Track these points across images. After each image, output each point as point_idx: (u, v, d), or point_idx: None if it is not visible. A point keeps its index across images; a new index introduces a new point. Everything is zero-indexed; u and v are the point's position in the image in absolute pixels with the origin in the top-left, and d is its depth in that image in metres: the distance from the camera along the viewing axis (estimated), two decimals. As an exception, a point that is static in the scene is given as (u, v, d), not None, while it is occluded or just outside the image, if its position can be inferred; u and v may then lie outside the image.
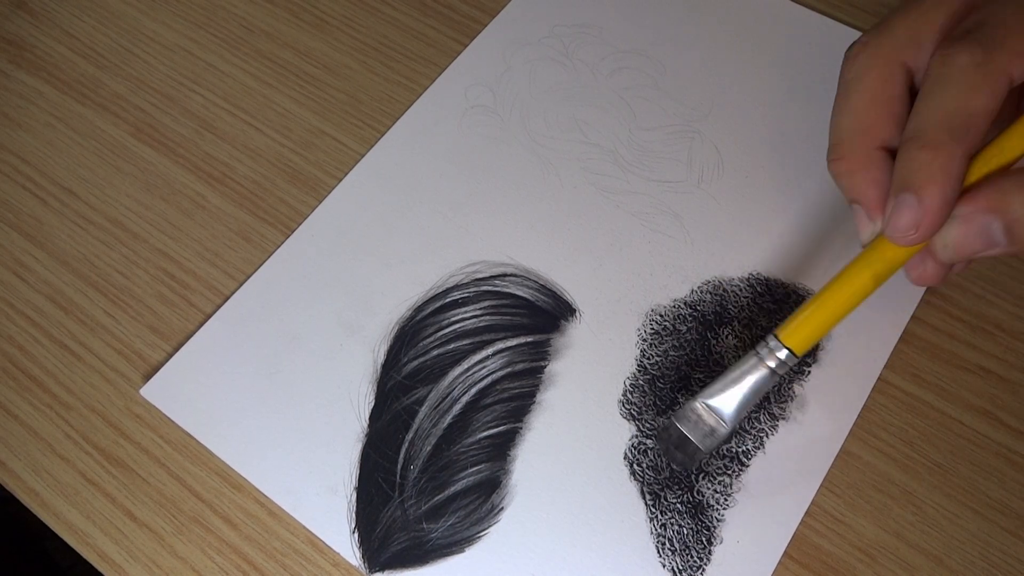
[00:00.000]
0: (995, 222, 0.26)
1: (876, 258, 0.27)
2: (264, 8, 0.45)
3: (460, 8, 0.44)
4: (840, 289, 0.28)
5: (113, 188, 0.40)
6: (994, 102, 0.25)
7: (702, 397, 0.29)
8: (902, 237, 0.26)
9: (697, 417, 0.29)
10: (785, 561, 0.30)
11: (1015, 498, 0.31)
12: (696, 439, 0.29)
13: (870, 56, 0.29)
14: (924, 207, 0.25)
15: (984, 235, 0.26)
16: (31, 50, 0.44)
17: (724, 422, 0.29)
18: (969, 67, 0.25)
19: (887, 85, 0.28)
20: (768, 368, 0.29)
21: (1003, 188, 0.26)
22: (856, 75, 0.29)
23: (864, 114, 0.28)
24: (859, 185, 0.28)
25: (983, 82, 0.25)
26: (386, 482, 0.32)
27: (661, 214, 0.37)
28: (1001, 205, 0.25)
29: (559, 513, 0.31)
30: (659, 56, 0.41)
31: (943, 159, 0.25)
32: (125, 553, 0.32)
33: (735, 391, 0.29)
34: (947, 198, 0.25)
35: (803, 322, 0.28)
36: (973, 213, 0.26)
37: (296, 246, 0.37)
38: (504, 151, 0.39)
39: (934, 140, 0.25)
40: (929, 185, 0.25)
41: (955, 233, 0.26)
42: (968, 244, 0.26)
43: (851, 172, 0.29)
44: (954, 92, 0.25)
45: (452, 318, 0.35)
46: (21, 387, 0.35)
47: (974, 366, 0.34)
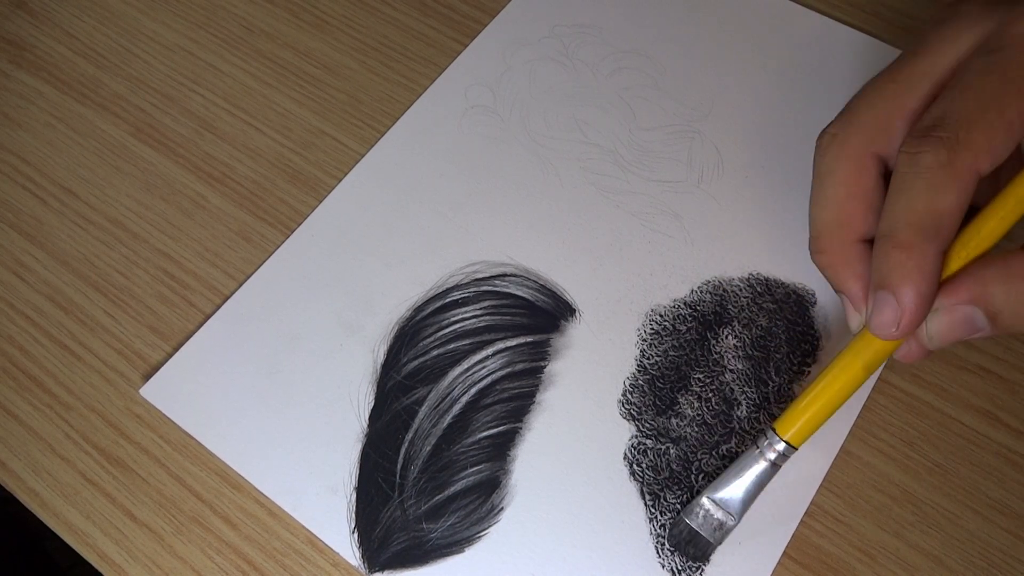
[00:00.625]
0: (978, 312, 0.26)
1: (864, 347, 0.28)
2: (264, 8, 0.45)
3: (460, 8, 0.44)
4: (833, 381, 0.29)
5: (113, 188, 0.40)
6: (963, 198, 0.25)
7: (708, 492, 0.30)
8: (884, 333, 0.26)
9: (705, 512, 0.30)
10: (785, 561, 0.30)
11: (1015, 498, 0.31)
12: (707, 534, 0.30)
13: (840, 148, 0.29)
14: (902, 306, 0.26)
15: (968, 324, 0.26)
16: (31, 50, 0.44)
17: (732, 515, 0.30)
18: (934, 167, 0.25)
19: (860, 178, 0.28)
20: (768, 461, 0.29)
21: (983, 279, 0.26)
22: (829, 168, 0.29)
23: (841, 208, 0.29)
24: (842, 279, 0.29)
25: (950, 182, 0.25)
26: (386, 482, 0.32)
27: (661, 214, 0.37)
28: (983, 296, 0.26)
29: (559, 513, 0.31)
30: (659, 56, 0.41)
31: (916, 259, 0.25)
32: (125, 553, 0.32)
33: (739, 485, 0.30)
34: (924, 295, 0.26)
35: (798, 415, 0.29)
36: (956, 305, 0.26)
37: (296, 246, 0.37)
38: (504, 151, 0.39)
39: (906, 240, 0.25)
40: (905, 284, 0.25)
41: (939, 325, 0.26)
42: (953, 333, 0.26)
43: (832, 266, 0.29)
44: (922, 193, 0.25)
45: (452, 318, 0.35)
46: (21, 387, 0.35)
47: (974, 366, 0.34)
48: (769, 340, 0.34)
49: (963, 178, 0.25)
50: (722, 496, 0.30)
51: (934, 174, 0.25)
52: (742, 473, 0.30)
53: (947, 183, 0.25)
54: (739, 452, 0.32)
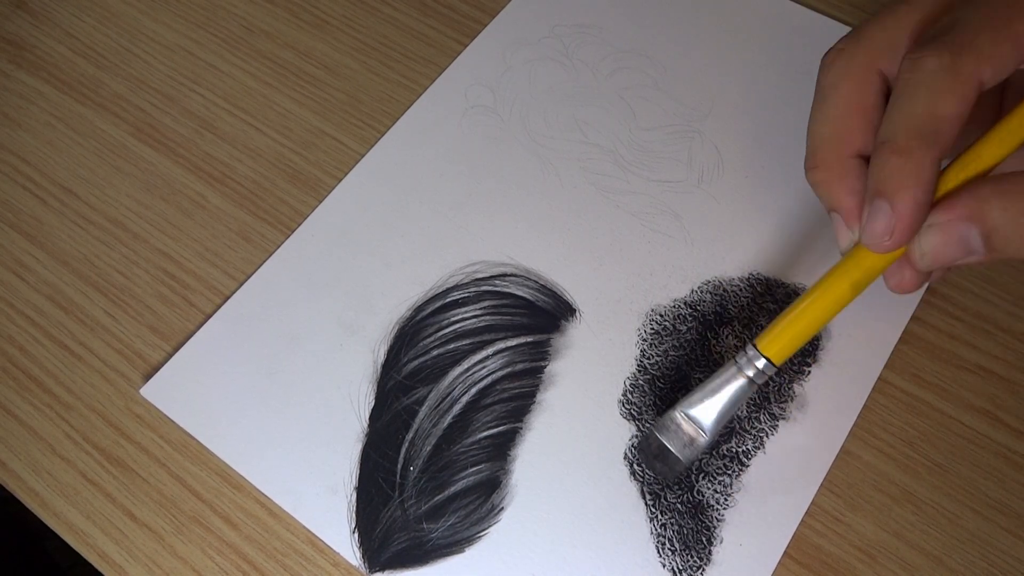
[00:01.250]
0: (973, 230, 0.25)
1: (854, 266, 0.27)
2: (264, 8, 0.45)
3: (460, 8, 0.44)
4: (819, 298, 0.28)
5: (113, 188, 0.40)
6: (963, 106, 0.25)
7: (681, 407, 0.29)
8: (877, 244, 0.26)
9: (676, 427, 0.29)
10: (785, 561, 0.30)
11: (1015, 498, 0.31)
12: (676, 449, 0.29)
13: (845, 63, 0.29)
14: (897, 213, 0.25)
15: (962, 243, 0.26)
16: (31, 50, 0.44)
17: (704, 432, 0.29)
18: (937, 71, 0.25)
19: (863, 93, 0.28)
20: (747, 377, 0.29)
21: (981, 195, 0.25)
22: (832, 82, 0.29)
23: (840, 122, 0.28)
24: (836, 194, 0.28)
25: (951, 87, 0.25)
26: (386, 482, 0.32)
27: (661, 214, 0.37)
28: (979, 213, 0.25)
29: (559, 513, 0.31)
30: (659, 56, 0.41)
31: (913, 164, 0.25)
32: (125, 553, 0.32)
33: (714, 401, 0.29)
34: (919, 203, 0.25)
35: (781, 332, 0.28)
36: (951, 221, 0.26)
37: (296, 246, 0.37)
38: (504, 151, 0.39)
39: (904, 146, 0.25)
40: (901, 191, 0.25)
41: (933, 241, 0.26)
42: (946, 252, 0.26)
43: (828, 181, 0.29)
44: (923, 97, 0.25)
45: (452, 318, 0.35)
46: (21, 387, 0.35)
47: (974, 366, 0.34)
48: (769, 340, 0.34)
49: (965, 83, 0.25)
50: (696, 411, 0.29)
51: (935, 78, 0.25)
52: (719, 390, 0.29)
53: (948, 87, 0.25)
54: (739, 451, 0.32)
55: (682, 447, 0.29)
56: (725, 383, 0.29)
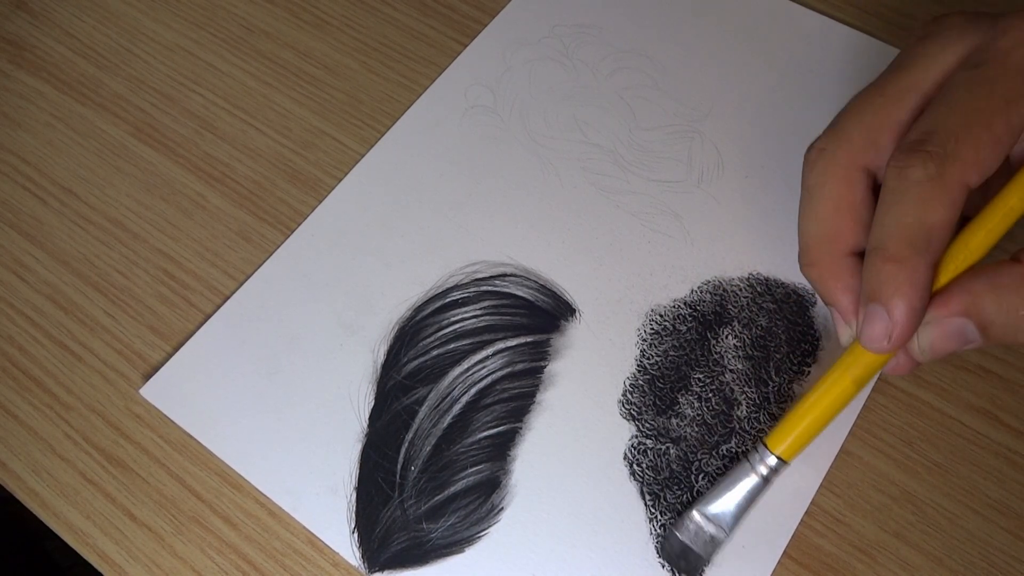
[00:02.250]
0: (969, 324, 0.26)
1: (854, 362, 0.28)
2: (264, 8, 0.45)
3: (460, 8, 0.44)
4: (823, 396, 0.29)
5: (113, 188, 0.40)
6: (953, 212, 0.25)
7: (699, 506, 0.30)
8: (876, 347, 0.26)
9: (696, 527, 0.30)
10: (785, 561, 0.30)
11: (1015, 498, 0.31)
12: (698, 548, 0.30)
13: (829, 162, 0.29)
14: (894, 319, 0.26)
15: (959, 336, 0.26)
16: (31, 50, 0.44)
17: (724, 529, 0.30)
18: (924, 181, 0.25)
19: (849, 192, 0.28)
20: (760, 476, 0.30)
21: (974, 291, 0.26)
22: (817, 182, 0.29)
23: (829, 222, 0.29)
24: (832, 292, 0.29)
25: (939, 196, 0.25)
26: (386, 482, 0.32)
27: (661, 214, 0.37)
28: (974, 309, 0.26)
29: (559, 513, 0.31)
30: (659, 56, 0.41)
31: (907, 272, 0.25)
32: (125, 553, 0.32)
33: (730, 499, 0.30)
34: (915, 308, 0.26)
35: (789, 430, 0.29)
36: (947, 318, 0.26)
37: (296, 246, 0.37)
38: (504, 151, 0.39)
39: (897, 254, 0.25)
40: (896, 298, 0.25)
41: (931, 337, 0.26)
42: (944, 346, 0.26)
43: (822, 279, 0.29)
44: (912, 207, 0.25)
45: (452, 318, 0.35)
46: (21, 387, 0.35)
47: (974, 366, 0.34)
48: (769, 340, 0.34)
49: (953, 192, 0.25)
50: (713, 510, 0.30)
51: (923, 188, 0.25)
52: (733, 487, 0.30)
53: (937, 197, 0.25)
54: (739, 452, 0.32)
55: (703, 546, 0.30)
56: (738, 481, 0.30)
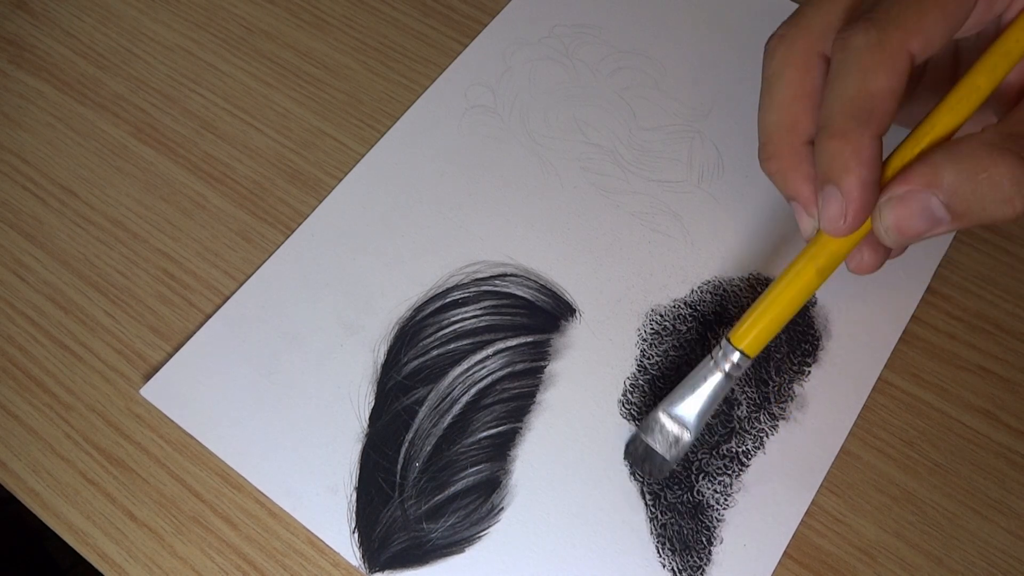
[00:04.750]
0: (932, 198, 0.25)
1: (818, 252, 0.28)
2: (264, 8, 0.45)
3: (460, 8, 0.44)
4: (786, 288, 0.28)
5: (113, 188, 0.40)
6: (896, 80, 0.25)
7: (663, 407, 0.30)
8: (834, 228, 0.26)
9: (660, 427, 0.30)
10: (785, 561, 0.30)
11: (1015, 498, 0.31)
12: (662, 449, 0.30)
13: (787, 50, 0.28)
14: (846, 195, 0.25)
15: (924, 213, 0.25)
16: (31, 50, 0.44)
17: (688, 429, 0.29)
18: (864, 48, 0.25)
19: (806, 78, 0.28)
20: (723, 372, 0.29)
21: (934, 162, 0.25)
22: (775, 70, 0.29)
23: (787, 110, 0.28)
24: (792, 183, 0.28)
25: (881, 63, 0.25)
26: (386, 482, 0.32)
27: (661, 214, 0.37)
28: (935, 179, 0.25)
29: (559, 513, 0.31)
30: (659, 56, 0.41)
31: (852, 146, 0.25)
32: (125, 553, 0.32)
33: (694, 398, 0.29)
34: (865, 182, 0.25)
35: (752, 324, 0.29)
36: (909, 192, 0.25)
37: (296, 246, 0.37)
38: (504, 151, 0.39)
39: (842, 128, 0.25)
40: (845, 173, 0.25)
41: (894, 215, 0.26)
42: (910, 224, 0.26)
43: (782, 171, 0.29)
44: (854, 77, 0.25)
45: (452, 318, 0.35)
46: (21, 387, 0.35)
47: (974, 366, 0.34)
48: (769, 340, 0.34)
49: (894, 57, 0.25)
50: (678, 410, 0.29)
51: (863, 55, 0.25)
52: (698, 386, 0.29)
53: (878, 63, 0.25)
54: (739, 451, 0.32)
55: (668, 447, 0.29)
56: (702, 379, 0.29)
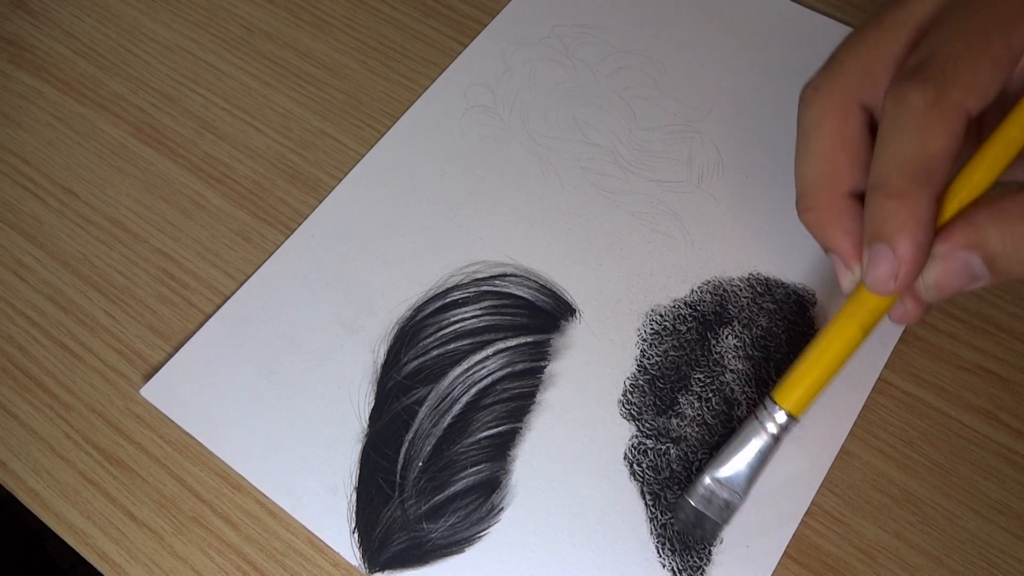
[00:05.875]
0: (975, 258, 0.25)
1: (859, 308, 0.27)
2: (264, 8, 0.45)
3: (460, 8, 0.44)
4: (830, 345, 0.28)
5: (113, 188, 0.40)
6: (954, 141, 0.24)
7: (710, 471, 0.29)
8: (882, 288, 0.26)
9: (709, 493, 0.29)
10: (785, 561, 0.30)
11: (1015, 498, 0.31)
12: (713, 514, 0.29)
13: (825, 99, 0.28)
14: (900, 256, 0.25)
15: (966, 271, 0.25)
16: (31, 50, 0.44)
17: (739, 493, 0.29)
18: (923, 107, 0.24)
19: (846, 128, 0.27)
20: (770, 435, 0.29)
21: (978, 223, 0.25)
22: (813, 121, 0.28)
23: (827, 161, 0.28)
24: (832, 236, 0.28)
25: (940, 123, 0.24)
26: (386, 482, 0.32)
27: (661, 214, 0.37)
28: (979, 240, 0.25)
29: (559, 513, 0.31)
30: (659, 56, 0.41)
31: (911, 206, 0.24)
32: (125, 553, 0.32)
33: (741, 460, 0.29)
34: (921, 245, 0.25)
35: (797, 382, 0.28)
36: (952, 251, 0.25)
37: (296, 246, 0.37)
38: (504, 151, 0.39)
39: (899, 188, 0.25)
40: (901, 234, 0.25)
41: (936, 274, 0.26)
42: (951, 283, 0.26)
43: (821, 223, 0.28)
44: (912, 136, 0.24)
45: (452, 318, 0.35)
46: (21, 387, 0.35)
47: (974, 366, 0.34)
48: (769, 340, 0.34)
49: (953, 118, 0.24)
50: (725, 474, 0.29)
51: (922, 115, 0.24)
52: (743, 447, 0.29)
53: (937, 124, 0.24)
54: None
55: (719, 511, 0.29)
56: (748, 440, 0.29)
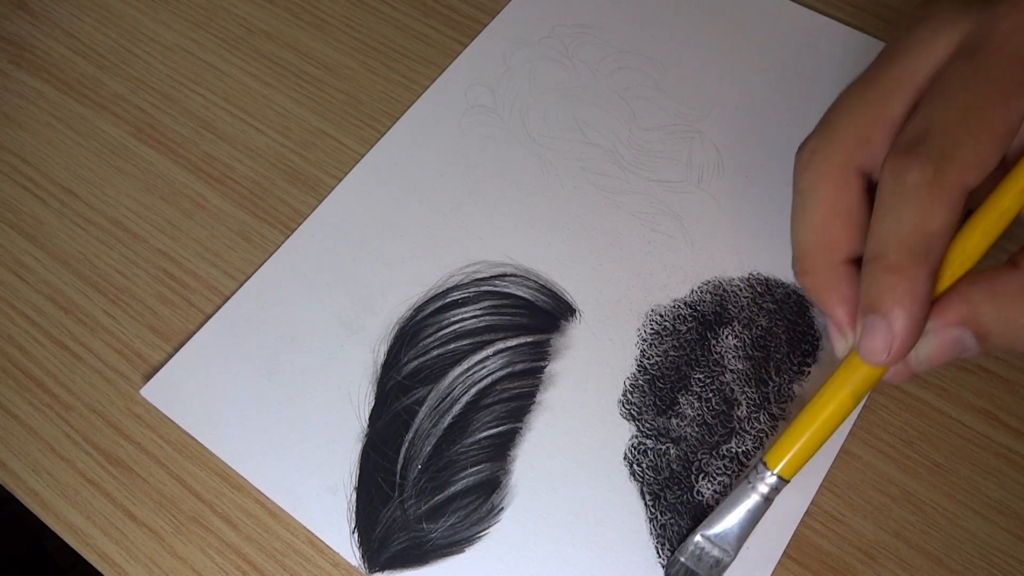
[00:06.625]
0: (967, 333, 0.25)
1: (852, 376, 0.27)
2: (264, 8, 0.45)
3: (460, 8, 0.44)
4: (822, 412, 0.28)
5: (113, 188, 0.40)
6: (952, 217, 0.24)
7: (702, 530, 0.30)
8: (876, 360, 0.26)
9: (700, 551, 0.30)
10: (785, 561, 0.30)
11: (1015, 498, 0.31)
12: (703, 572, 0.30)
13: (821, 164, 0.28)
14: (894, 331, 0.25)
15: (957, 345, 0.25)
16: (31, 50, 0.44)
17: (728, 552, 0.30)
18: (922, 186, 0.24)
19: (843, 195, 0.27)
20: (761, 496, 0.29)
21: (972, 300, 0.25)
22: (809, 186, 0.28)
23: (824, 229, 0.27)
24: (827, 302, 0.28)
25: (938, 201, 0.24)
26: (386, 482, 0.32)
27: (661, 214, 0.37)
28: (971, 317, 0.25)
29: (559, 513, 0.31)
30: (659, 56, 0.41)
31: (908, 282, 0.24)
32: (125, 553, 0.32)
33: (732, 519, 0.30)
34: (916, 319, 0.25)
35: (786, 447, 0.29)
36: (945, 328, 0.25)
37: (296, 246, 0.37)
38: (504, 151, 0.39)
39: (897, 263, 0.25)
40: (898, 309, 0.25)
41: (928, 349, 0.26)
42: (942, 356, 0.26)
43: (818, 289, 0.28)
44: (910, 212, 0.24)
45: (452, 318, 0.35)
46: (21, 387, 0.35)
47: (974, 366, 0.34)
48: (769, 340, 0.34)
49: (951, 195, 0.24)
50: (716, 532, 0.30)
51: (921, 193, 0.24)
52: (734, 508, 0.30)
53: (936, 202, 0.24)
54: (739, 452, 0.32)
55: (708, 569, 0.30)
56: (739, 502, 0.30)
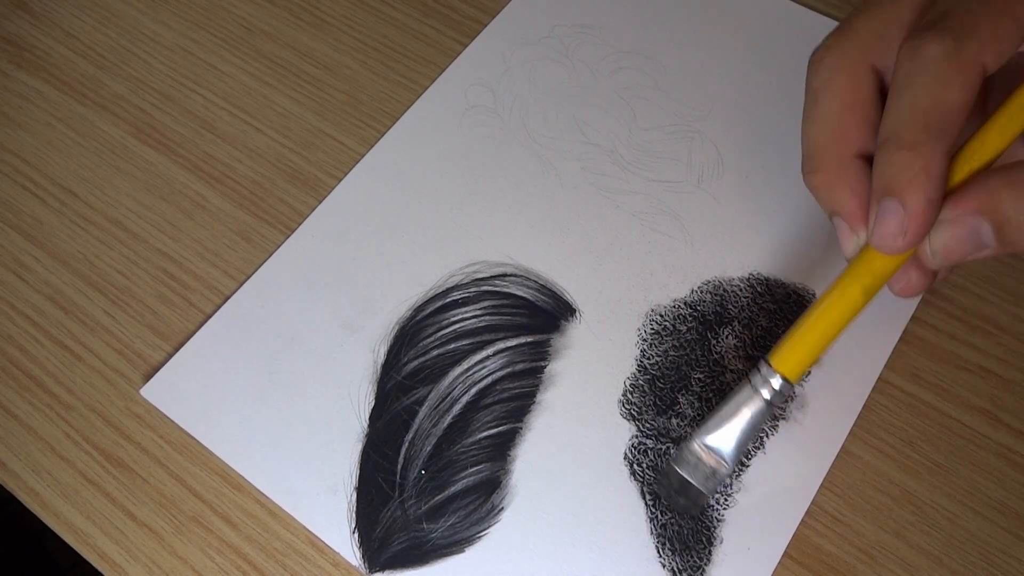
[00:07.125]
0: (984, 224, 0.24)
1: (863, 271, 0.26)
2: (264, 8, 0.45)
3: (460, 8, 0.44)
4: (830, 308, 0.27)
5: (113, 188, 0.40)
6: (970, 94, 0.24)
7: (699, 436, 0.28)
8: (890, 245, 0.25)
9: (696, 459, 0.28)
10: (785, 561, 0.30)
11: (1015, 498, 0.31)
12: (698, 482, 0.28)
13: (836, 60, 0.27)
14: (909, 211, 0.24)
15: (974, 238, 0.25)
16: (31, 50, 0.44)
17: (725, 461, 0.28)
18: (940, 59, 0.24)
19: (857, 89, 0.27)
20: (764, 400, 0.27)
21: (990, 187, 0.24)
22: (823, 82, 0.28)
23: (836, 122, 0.27)
24: (838, 197, 0.27)
25: (956, 74, 0.24)
26: (386, 482, 0.32)
27: (661, 214, 0.37)
28: (990, 205, 0.24)
29: (559, 513, 0.31)
30: (659, 56, 0.41)
31: (924, 160, 0.24)
32: (125, 553, 0.32)
33: (732, 427, 0.27)
34: (932, 199, 0.24)
35: (794, 345, 0.27)
36: (961, 216, 0.24)
37: (296, 246, 0.37)
38: (504, 151, 0.39)
39: (912, 140, 0.24)
40: (912, 188, 0.24)
41: (944, 238, 0.25)
42: (958, 249, 0.25)
43: (828, 184, 0.27)
44: (927, 87, 0.24)
45: (452, 318, 0.35)
46: (21, 387, 0.35)
47: (974, 366, 0.34)
48: (769, 340, 0.34)
49: (969, 70, 0.24)
50: (714, 440, 0.27)
51: (939, 66, 0.24)
52: (735, 413, 0.27)
53: (954, 76, 0.24)
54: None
55: (704, 479, 0.27)
56: (741, 406, 0.27)
